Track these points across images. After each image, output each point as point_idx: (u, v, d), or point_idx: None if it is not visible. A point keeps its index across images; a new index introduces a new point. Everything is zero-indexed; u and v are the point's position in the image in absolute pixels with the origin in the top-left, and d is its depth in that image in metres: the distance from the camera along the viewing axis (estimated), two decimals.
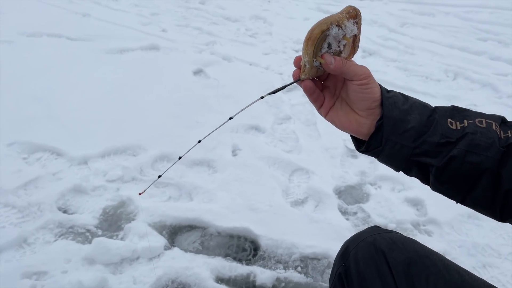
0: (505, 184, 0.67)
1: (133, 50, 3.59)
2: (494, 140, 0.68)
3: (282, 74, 3.43)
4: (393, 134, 0.71)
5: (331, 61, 0.70)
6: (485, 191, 0.68)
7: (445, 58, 3.88)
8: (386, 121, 0.71)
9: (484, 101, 3.16)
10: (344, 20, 0.70)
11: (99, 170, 2.13)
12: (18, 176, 2.01)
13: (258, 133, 2.64)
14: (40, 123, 2.43)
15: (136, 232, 1.78)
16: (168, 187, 2.10)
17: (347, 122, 0.75)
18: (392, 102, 0.71)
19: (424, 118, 0.71)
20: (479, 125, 0.69)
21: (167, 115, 2.67)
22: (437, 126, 0.70)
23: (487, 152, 0.67)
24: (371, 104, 0.72)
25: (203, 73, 3.35)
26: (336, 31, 0.69)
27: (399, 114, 0.71)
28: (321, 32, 0.68)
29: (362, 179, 2.27)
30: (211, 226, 1.88)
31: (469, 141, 0.68)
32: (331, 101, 0.78)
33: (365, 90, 0.71)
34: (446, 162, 0.69)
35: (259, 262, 1.74)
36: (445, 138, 0.69)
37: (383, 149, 0.73)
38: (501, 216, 0.70)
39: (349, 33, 0.71)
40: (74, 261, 1.62)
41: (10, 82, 2.86)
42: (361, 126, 0.74)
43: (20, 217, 1.82)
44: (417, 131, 0.70)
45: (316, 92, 0.76)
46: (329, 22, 0.68)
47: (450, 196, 0.73)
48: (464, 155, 0.68)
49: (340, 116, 0.76)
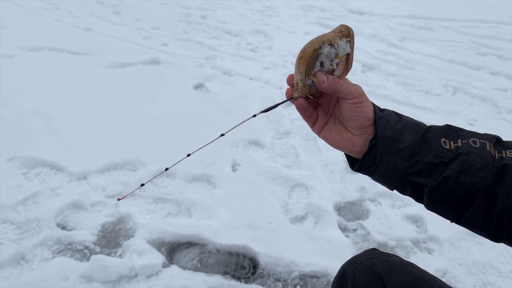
0: (499, 205, 0.66)
1: (134, 64, 3.61)
2: (488, 160, 0.67)
3: (282, 89, 3.44)
4: (386, 153, 0.71)
5: (323, 80, 0.71)
6: (479, 211, 0.68)
7: (445, 73, 3.90)
8: (379, 141, 0.71)
9: (483, 116, 3.17)
10: (336, 39, 0.70)
11: (98, 186, 2.13)
12: (17, 191, 2.01)
13: (258, 148, 2.65)
14: (40, 138, 2.44)
15: (134, 249, 1.77)
16: (167, 203, 2.09)
17: (340, 140, 0.75)
18: (385, 122, 0.71)
19: (418, 138, 0.71)
20: (473, 145, 0.69)
21: (167, 130, 2.68)
22: (431, 146, 0.70)
23: (480, 173, 0.67)
24: (364, 122, 0.72)
25: (204, 88, 3.37)
26: (328, 50, 0.70)
27: (392, 133, 0.71)
28: (313, 51, 0.69)
29: (362, 195, 2.26)
30: (210, 243, 1.87)
31: (463, 161, 0.68)
32: (325, 119, 0.78)
33: (358, 109, 0.71)
34: (439, 182, 0.68)
35: (258, 280, 1.72)
36: (438, 158, 0.69)
37: (377, 169, 0.72)
38: (495, 236, 0.69)
39: (342, 51, 0.71)
40: (71, 278, 1.61)
41: (10, 96, 2.88)
42: (354, 144, 0.74)
43: (19, 233, 1.81)
44: (411, 151, 0.70)
45: (309, 110, 0.77)
46: (321, 41, 0.69)
47: (444, 215, 0.73)
48: (458, 175, 0.67)
49: (333, 134, 0.76)
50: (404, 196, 2.21)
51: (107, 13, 5.08)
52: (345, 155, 0.79)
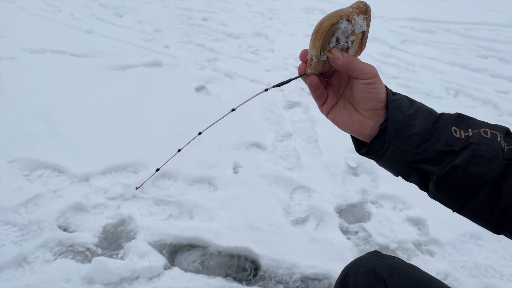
0: (505, 197, 0.65)
1: (136, 67, 3.62)
2: (498, 152, 0.66)
3: (284, 91, 3.44)
4: (396, 138, 0.69)
5: (338, 57, 0.68)
6: (484, 203, 0.67)
7: (446, 75, 3.90)
8: (390, 125, 0.69)
9: (485, 119, 3.10)
10: (354, 15, 0.68)
11: (100, 188, 2.13)
12: (19, 193, 2.02)
13: (259, 150, 2.65)
14: (42, 140, 2.44)
15: (136, 251, 1.77)
16: (168, 205, 2.09)
17: (349, 122, 0.73)
18: (397, 106, 0.70)
19: (429, 124, 0.69)
20: (484, 135, 0.68)
21: (168, 132, 2.68)
22: (442, 134, 0.69)
23: (490, 164, 0.65)
24: (376, 104, 0.70)
25: (205, 90, 3.37)
26: (345, 26, 0.68)
27: (404, 118, 0.69)
28: (331, 25, 0.67)
29: (363, 197, 2.26)
30: (212, 245, 1.87)
31: (473, 151, 0.66)
32: (334, 99, 0.76)
33: (371, 90, 0.69)
34: (448, 171, 0.67)
35: (260, 283, 1.72)
36: (448, 147, 0.68)
37: (385, 153, 0.71)
38: (497, 228, 0.69)
39: (358, 28, 0.69)
40: (73, 280, 1.61)
41: (12, 98, 2.88)
42: (363, 127, 0.72)
43: (20, 235, 1.82)
44: (421, 137, 0.69)
45: (320, 89, 0.75)
46: (339, 15, 0.67)
47: (447, 205, 0.72)
48: (467, 165, 0.66)
49: (342, 115, 0.75)
50: (406, 198, 2.19)
51: (109, 16, 5.09)
52: (351, 138, 0.77)
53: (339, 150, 2.66)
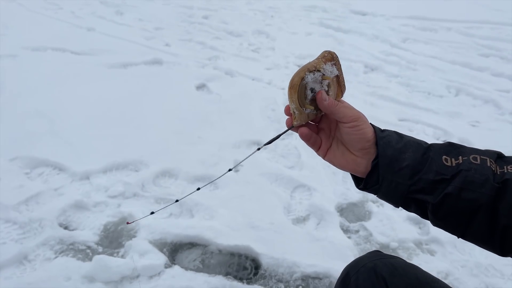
0: (502, 220, 0.67)
1: (136, 65, 3.62)
2: (488, 176, 0.68)
3: (284, 89, 3.44)
4: (389, 172, 0.72)
5: (325, 98, 0.74)
6: (482, 226, 0.68)
7: (447, 74, 3.89)
8: (381, 160, 0.72)
9: (486, 118, 3.16)
10: (321, 64, 0.74)
11: (100, 186, 2.13)
12: (20, 191, 2.02)
13: None
14: (43, 138, 2.44)
15: (136, 249, 1.77)
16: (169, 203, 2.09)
17: (344, 163, 0.77)
18: (386, 141, 0.73)
19: (419, 156, 0.72)
20: (473, 161, 0.70)
21: (169, 131, 2.68)
22: (432, 164, 0.71)
23: (481, 189, 0.67)
24: (364, 144, 0.73)
25: (206, 88, 3.37)
26: (314, 76, 0.73)
27: (394, 152, 0.72)
28: (300, 79, 0.72)
29: (364, 196, 2.26)
30: (212, 244, 1.87)
31: (464, 177, 0.69)
32: (328, 142, 0.80)
33: (357, 132, 0.73)
34: (442, 199, 0.69)
35: (260, 281, 1.72)
36: (440, 175, 0.70)
37: (380, 187, 0.74)
38: (501, 251, 0.70)
39: (329, 74, 0.74)
40: (74, 279, 1.61)
41: (13, 96, 2.88)
42: (358, 165, 0.75)
43: (21, 233, 1.82)
44: (412, 169, 0.71)
45: (313, 137, 0.78)
46: (306, 69, 0.73)
47: (449, 231, 0.74)
48: (459, 192, 0.68)
49: (337, 157, 0.78)
50: None
51: (110, 13, 5.09)
52: (350, 174, 0.81)
53: None
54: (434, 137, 2.89)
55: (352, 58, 4.19)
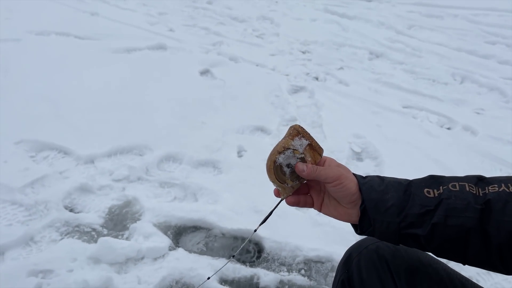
0: (493, 240, 0.69)
1: (140, 50, 3.61)
2: (469, 200, 0.71)
3: (289, 76, 3.43)
4: (377, 213, 0.75)
5: (303, 169, 0.79)
6: (478, 249, 0.71)
7: (453, 61, 3.87)
8: (368, 204, 0.76)
9: (491, 106, 3.14)
10: (289, 142, 0.79)
11: (105, 170, 2.15)
12: (25, 174, 2.03)
13: (264, 134, 2.65)
14: (47, 122, 2.45)
15: (141, 232, 1.79)
16: (173, 188, 2.11)
17: (338, 215, 0.81)
18: (369, 186, 0.77)
19: (401, 194, 0.76)
20: (452, 189, 0.73)
21: (173, 115, 2.69)
22: (414, 198, 0.74)
23: (465, 213, 0.70)
24: (350, 197, 0.77)
25: (210, 74, 3.37)
26: (285, 154, 0.79)
27: (377, 195, 0.76)
28: (273, 162, 0.79)
29: None
30: (216, 227, 1.89)
31: (446, 206, 0.72)
32: (320, 197, 0.84)
33: (341, 189, 0.77)
34: (431, 229, 0.72)
35: (263, 264, 1.75)
36: (424, 208, 0.73)
37: (374, 229, 0.77)
38: (506, 270, 0.72)
39: (299, 148, 0.80)
40: (79, 260, 1.63)
41: (17, 80, 2.89)
42: (350, 216, 0.80)
43: (27, 215, 1.84)
44: (398, 207, 0.75)
45: (301, 201, 0.84)
46: (276, 152, 0.79)
47: (452, 259, 0.76)
48: (445, 219, 0.71)
49: (331, 210, 0.82)
50: None
51: None
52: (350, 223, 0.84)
53: (344, 135, 2.66)
54: (438, 124, 2.89)
55: (357, 44, 4.16)
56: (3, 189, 1.92)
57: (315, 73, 3.51)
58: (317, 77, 3.45)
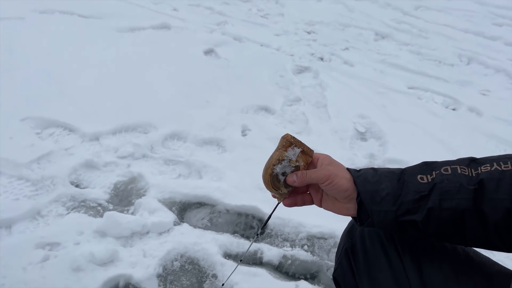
0: (489, 219, 0.70)
1: (144, 29, 3.58)
2: (462, 182, 0.72)
3: (293, 56, 3.41)
4: (374, 204, 0.77)
5: (294, 180, 0.82)
6: (475, 230, 0.72)
7: (460, 43, 3.83)
8: (363, 196, 0.77)
9: (497, 87, 3.12)
10: (283, 154, 0.83)
11: (110, 147, 2.16)
12: (31, 150, 2.05)
13: (268, 114, 2.65)
14: (52, 100, 2.46)
15: (146, 207, 1.81)
16: (178, 165, 2.12)
17: (337, 210, 0.84)
18: (363, 179, 0.79)
19: (395, 183, 0.77)
20: (445, 172, 0.74)
21: (177, 94, 2.69)
22: (408, 185, 0.76)
23: (458, 195, 0.71)
24: (344, 193, 0.79)
25: (214, 53, 3.35)
26: (281, 166, 0.83)
27: (372, 186, 0.78)
28: (269, 175, 0.84)
29: (370, 162, 2.27)
30: (220, 204, 1.90)
31: (439, 189, 0.73)
32: (318, 194, 0.86)
33: (332, 188, 0.79)
34: (426, 214, 0.73)
35: (267, 240, 1.77)
36: (418, 194, 0.74)
37: (373, 220, 0.78)
38: (507, 248, 0.73)
39: (293, 157, 0.83)
40: (86, 233, 1.66)
41: (22, 58, 2.88)
42: (349, 210, 0.82)
43: (34, 190, 1.86)
44: (393, 196, 0.76)
45: (299, 201, 0.88)
46: (271, 165, 0.83)
47: (453, 242, 0.78)
48: (440, 203, 0.72)
49: (330, 205, 0.85)
50: (413, 162, 2.22)
51: None
52: (351, 217, 0.86)
53: (348, 115, 2.66)
54: (444, 105, 2.87)
55: (363, 25, 4.12)
56: (10, 164, 1.94)
57: (320, 53, 3.48)
58: (322, 58, 3.42)
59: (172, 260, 1.62)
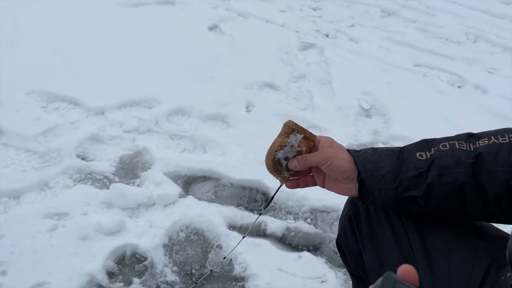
0: (488, 191, 0.71)
1: (148, 4, 3.54)
2: (460, 157, 0.74)
3: (298, 32, 3.37)
4: (374, 182, 0.79)
5: (295, 165, 0.85)
6: (475, 202, 0.74)
7: (467, 20, 3.77)
8: (364, 175, 0.79)
9: (503, 65, 3.09)
10: (285, 140, 0.84)
11: (115, 121, 2.17)
12: (38, 123, 2.06)
13: (272, 90, 2.65)
14: (58, 74, 2.46)
15: (152, 180, 1.83)
16: (182, 140, 2.14)
17: (339, 190, 0.86)
18: (363, 158, 0.80)
19: (394, 161, 0.79)
20: (443, 148, 0.76)
21: (181, 70, 2.68)
22: (407, 163, 0.77)
23: (457, 169, 0.73)
24: (344, 174, 0.81)
25: (218, 29, 3.32)
26: (283, 151, 0.85)
27: (372, 165, 0.79)
28: (272, 161, 0.86)
29: (374, 138, 2.28)
30: (224, 178, 1.92)
31: (438, 165, 0.75)
32: (321, 175, 0.88)
33: (332, 169, 0.81)
34: (426, 189, 0.75)
35: (270, 213, 1.79)
36: (417, 170, 0.76)
37: (374, 198, 0.80)
38: (508, 220, 0.75)
39: (295, 143, 0.85)
40: (93, 204, 1.69)
41: (26, 33, 2.87)
42: (350, 190, 0.83)
43: (41, 162, 1.88)
44: (393, 173, 0.78)
45: (301, 183, 0.91)
46: (273, 150, 0.85)
47: (453, 216, 0.79)
48: (438, 178, 0.74)
49: (332, 186, 0.87)
50: (416, 139, 2.24)
51: None
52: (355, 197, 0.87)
53: (353, 92, 2.65)
54: (449, 83, 2.86)
55: (369, 2, 4.05)
56: (17, 137, 1.96)
57: (326, 30, 3.45)
58: (328, 34, 3.39)
59: (178, 231, 1.65)
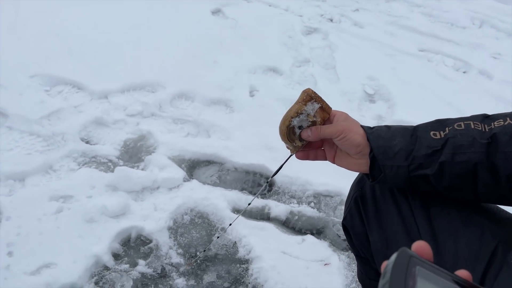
0: (501, 171, 0.71)
1: None
2: (475, 136, 0.73)
3: (302, 17, 3.34)
4: (386, 159, 0.78)
5: (308, 135, 0.84)
6: (487, 183, 0.73)
7: (472, 5, 3.73)
8: (376, 151, 0.78)
9: (508, 51, 3.07)
10: (302, 108, 0.83)
11: (119, 105, 2.17)
12: (41, 107, 2.06)
13: (276, 75, 2.63)
14: (60, 58, 2.45)
15: (156, 163, 1.84)
16: (186, 124, 2.13)
17: (349, 166, 0.85)
18: (376, 135, 0.80)
19: (408, 138, 0.78)
20: (458, 128, 0.76)
21: (184, 54, 2.66)
22: (421, 141, 0.77)
23: (471, 149, 0.73)
24: (356, 149, 0.80)
25: (221, 13, 3.29)
26: (299, 119, 0.84)
27: (385, 142, 0.79)
28: (286, 127, 0.85)
29: (378, 123, 2.27)
30: (228, 162, 1.93)
31: (452, 144, 0.74)
32: (332, 150, 0.88)
33: (345, 142, 0.80)
34: (439, 168, 0.75)
35: (274, 197, 1.80)
36: (431, 149, 0.76)
37: (385, 175, 0.79)
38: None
39: (311, 112, 0.84)
40: (98, 187, 1.69)
41: (28, 16, 2.84)
42: (361, 166, 0.83)
43: (45, 145, 1.89)
44: (406, 151, 0.77)
45: (311, 155, 0.90)
46: (289, 117, 0.84)
47: (464, 196, 0.79)
48: (452, 157, 0.74)
49: (342, 162, 0.86)
50: None
51: None
52: (364, 174, 0.86)
53: (357, 77, 2.64)
54: (454, 68, 2.84)
55: None
56: (21, 120, 1.96)
57: (330, 14, 3.42)
58: (332, 19, 3.36)
59: (182, 214, 1.66)
